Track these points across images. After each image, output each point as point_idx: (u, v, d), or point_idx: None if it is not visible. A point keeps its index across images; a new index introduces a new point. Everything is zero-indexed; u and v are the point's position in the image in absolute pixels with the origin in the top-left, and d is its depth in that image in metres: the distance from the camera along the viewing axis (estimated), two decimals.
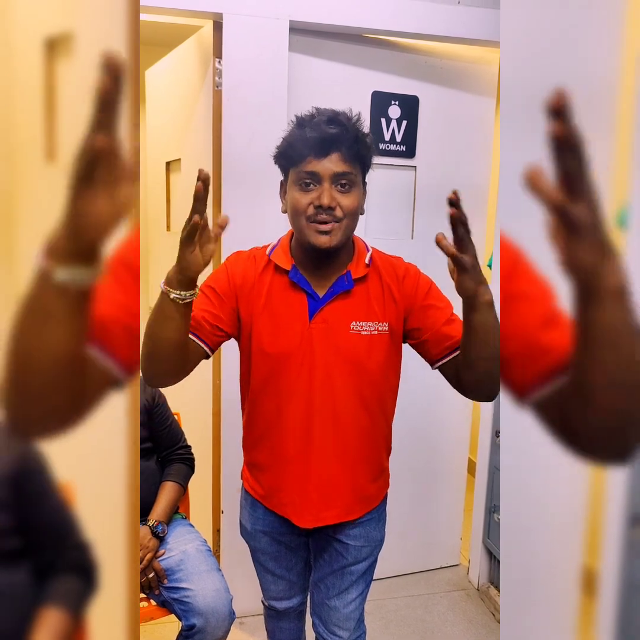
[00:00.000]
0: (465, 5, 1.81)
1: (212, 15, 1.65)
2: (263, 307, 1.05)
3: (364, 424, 1.10)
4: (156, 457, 1.59)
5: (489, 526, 2.07)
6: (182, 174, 2.03)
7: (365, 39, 1.83)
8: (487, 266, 2.14)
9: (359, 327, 1.03)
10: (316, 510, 1.12)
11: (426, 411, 2.12)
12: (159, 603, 1.43)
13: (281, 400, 1.08)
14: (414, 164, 1.96)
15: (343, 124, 0.95)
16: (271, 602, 1.35)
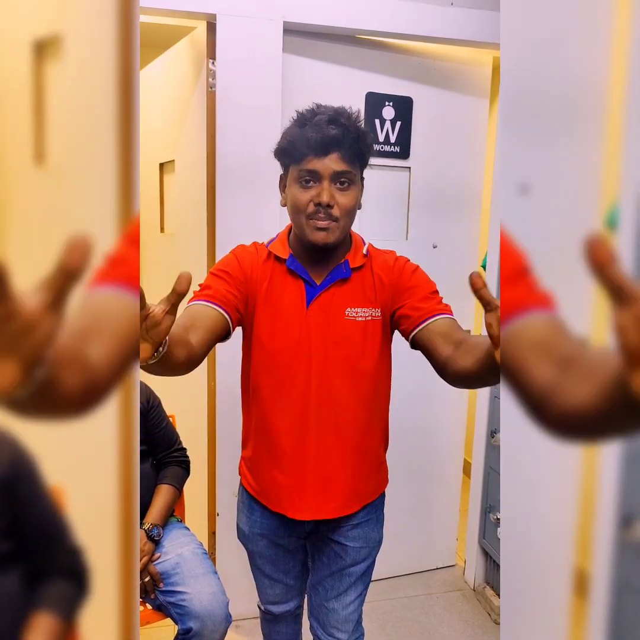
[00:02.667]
0: (459, 6, 1.82)
1: (205, 16, 1.65)
2: (264, 295, 1.07)
3: (359, 413, 1.10)
4: (151, 460, 1.58)
5: (485, 527, 2.07)
6: (176, 175, 2.03)
7: (359, 40, 1.83)
8: (481, 267, 2.14)
9: (353, 313, 1.06)
10: (314, 503, 1.12)
11: (421, 413, 2.12)
12: (155, 607, 1.42)
13: (278, 387, 1.09)
14: (408, 165, 1.96)
15: (344, 124, 0.97)
16: (267, 606, 1.34)
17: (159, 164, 2.16)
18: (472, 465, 2.12)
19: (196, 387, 1.95)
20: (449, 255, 2.04)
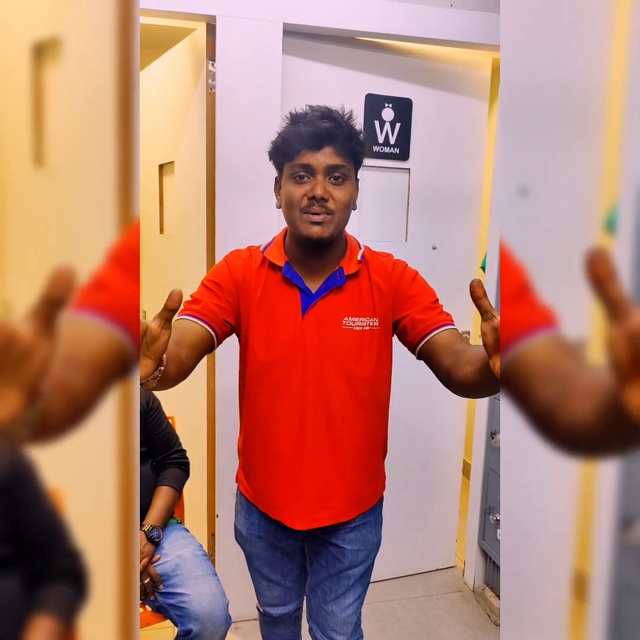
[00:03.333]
0: (458, 8, 1.82)
1: (205, 18, 1.65)
2: (258, 303, 1.06)
3: (357, 421, 1.09)
4: (151, 462, 1.58)
5: (484, 528, 2.07)
6: (176, 176, 2.03)
7: (358, 41, 1.83)
8: (480, 268, 2.14)
9: (351, 323, 1.05)
10: (311, 510, 1.11)
11: (421, 414, 2.12)
12: (155, 609, 1.42)
13: (274, 396, 1.08)
14: (408, 166, 1.96)
15: (336, 120, 0.98)
16: (266, 609, 1.34)
17: (159, 165, 2.16)
18: (471, 466, 2.12)
19: (196, 389, 1.95)
20: (449, 256, 2.04)
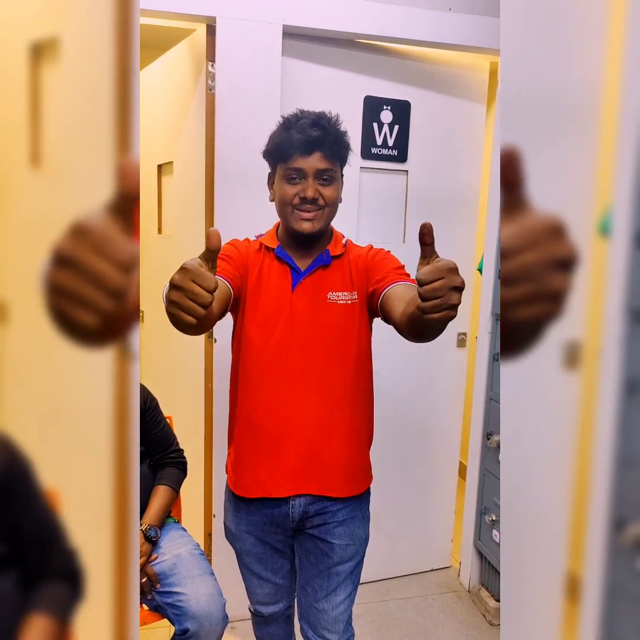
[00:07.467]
0: (456, 12, 1.82)
1: (205, 19, 1.66)
2: (255, 281, 1.16)
3: (344, 393, 1.16)
4: (148, 461, 1.58)
5: (480, 528, 2.08)
6: (174, 177, 2.03)
7: (357, 44, 1.84)
8: (477, 270, 2.14)
9: (335, 297, 1.16)
10: (295, 476, 1.15)
11: (417, 415, 2.13)
12: (152, 608, 1.42)
13: (265, 365, 1.14)
14: (406, 168, 1.97)
15: (325, 127, 1.09)
16: (257, 607, 1.35)
17: (157, 165, 2.17)
18: (467, 467, 2.13)
19: (193, 389, 1.95)
20: (446, 258, 2.04)
